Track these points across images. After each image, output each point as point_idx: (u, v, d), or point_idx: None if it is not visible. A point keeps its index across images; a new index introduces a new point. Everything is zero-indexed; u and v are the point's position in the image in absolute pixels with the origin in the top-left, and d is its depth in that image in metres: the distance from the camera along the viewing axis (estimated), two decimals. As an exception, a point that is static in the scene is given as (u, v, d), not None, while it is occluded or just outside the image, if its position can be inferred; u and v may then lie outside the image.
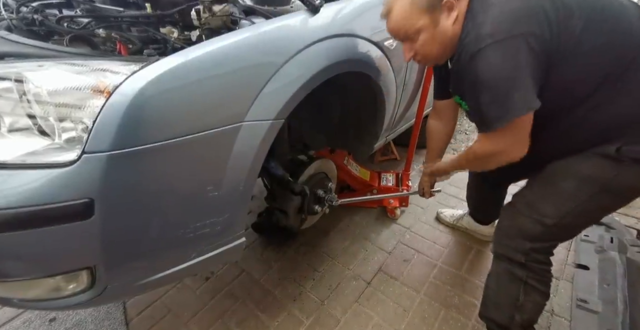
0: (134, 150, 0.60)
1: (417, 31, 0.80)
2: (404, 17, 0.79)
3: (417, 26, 0.79)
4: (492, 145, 0.80)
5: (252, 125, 0.75)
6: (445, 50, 0.83)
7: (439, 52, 0.84)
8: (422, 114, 1.58)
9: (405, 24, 0.80)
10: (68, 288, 0.69)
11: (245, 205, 0.86)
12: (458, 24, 0.77)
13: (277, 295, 1.32)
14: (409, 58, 0.87)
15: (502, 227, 0.98)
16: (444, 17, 0.78)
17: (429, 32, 0.80)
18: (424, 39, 0.81)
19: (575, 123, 0.78)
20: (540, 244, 0.89)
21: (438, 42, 0.81)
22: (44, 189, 0.56)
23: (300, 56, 0.81)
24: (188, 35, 0.92)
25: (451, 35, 0.79)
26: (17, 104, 0.60)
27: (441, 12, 0.77)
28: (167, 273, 0.80)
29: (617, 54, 0.70)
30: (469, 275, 1.40)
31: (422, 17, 0.78)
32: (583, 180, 0.81)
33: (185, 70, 0.65)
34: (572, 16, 0.68)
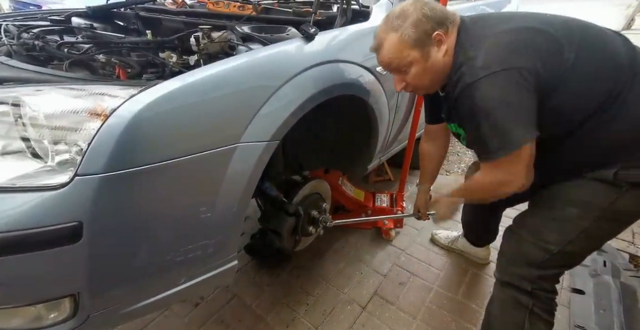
0: (128, 172, 0.60)
1: (408, 65, 0.81)
2: (394, 52, 0.80)
3: (408, 60, 0.80)
4: (496, 175, 0.79)
5: (248, 146, 0.76)
6: (437, 81, 0.85)
7: (430, 83, 0.85)
8: (415, 136, 1.61)
9: (395, 58, 0.81)
10: (49, 317, 0.66)
11: (239, 227, 0.85)
12: (448, 56, 0.79)
13: (269, 321, 1.27)
14: (401, 89, 0.88)
15: (506, 254, 0.96)
16: (434, 51, 0.79)
17: (420, 66, 0.81)
18: (415, 72, 0.82)
19: (570, 149, 0.79)
20: (546, 271, 0.88)
21: (429, 74, 0.82)
22: (33, 213, 0.55)
23: (296, 80, 0.84)
24: (186, 60, 0.95)
25: (442, 66, 0.80)
26: (11, 127, 0.60)
27: (431, 46, 0.78)
28: (154, 300, 0.77)
29: (608, 81, 0.71)
30: (465, 299, 1.37)
31: (413, 52, 0.79)
32: (583, 207, 0.81)
33: (183, 94, 0.66)
34: (562, 50, 0.70)
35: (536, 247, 0.87)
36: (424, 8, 0.77)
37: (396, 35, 0.78)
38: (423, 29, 0.76)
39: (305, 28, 0.93)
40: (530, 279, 0.89)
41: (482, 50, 0.72)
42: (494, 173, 0.79)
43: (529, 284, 0.89)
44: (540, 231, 0.87)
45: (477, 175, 0.86)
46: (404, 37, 0.78)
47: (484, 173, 0.82)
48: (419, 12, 0.76)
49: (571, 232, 0.83)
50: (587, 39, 0.73)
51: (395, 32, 0.78)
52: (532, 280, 0.89)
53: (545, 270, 0.88)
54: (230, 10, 1.35)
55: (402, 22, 0.77)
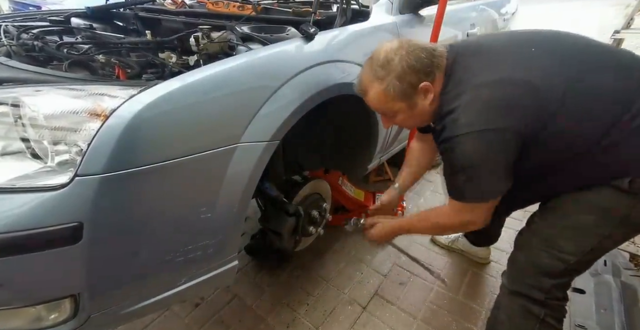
0: (128, 172, 0.60)
1: (395, 113, 0.82)
2: (379, 102, 0.81)
3: (394, 110, 0.81)
4: (463, 215, 0.83)
5: (248, 146, 0.76)
6: (425, 121, 0.87)
7: (419, 124, 0.89)
8: (414, 136, 1.61)
9: (382, 107, 0.82)
10: (49, 318, 0.66)
11: (239, 227, 0.85)
12: (436, 102, 0.79)
13: (269, 322, 1.27)
14: (388, 127, 0.92)
15: (518, 263, 0.93)
16: (420, 99, 0.78)
17: (406, 114, 0.82)
18: (402, 118, 0.84)
19: (582, 166, 0.76)
20: (561, 280, 0.86)
21: (416, 119, 0.84)
22: (33, 213, 0.55)
23: (296, 80, 0.84)
24: (186, 60, 0.95)
25: (430, 111, 0.81)
26: (11, 127, 0.60)
27: (417, 96, 0.78)
28: (154, 300, 0.77)
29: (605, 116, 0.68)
30: (465, 299, 1.37)
31: (398, 103, 0.79)
32: (601, 214, 0.78)
33: (183, 94, 0.66)
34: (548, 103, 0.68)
35: (551, 257, 0.84)
36: (409, 58, 0.74)
37: (380, 87, 0.77)
38: (408, 82, 0.75)
39: (305, 28, 0.93)
40: (545, 289, 0.86)
41: (464, 102, 0.71)
42: (461, 212, 0.83)
43: (542, 294, 0.86)
44: (555, 240, 0.84)
45: (441, 207, 0.87)
46: (388, 90, 0.76)
47: (451, 208, 0.85)
48: (404, 63, 0.74)
49: (589, 241, 0.80)
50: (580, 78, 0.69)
51: (380, 83, 0.77)
52: (546, 291, 0.86)
53: (560, 278, 0.85)
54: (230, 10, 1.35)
55: (386, 75, 0.76)
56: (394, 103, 0.79)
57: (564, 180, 0.80)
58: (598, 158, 0.72)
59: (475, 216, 0.82)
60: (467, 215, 0.82)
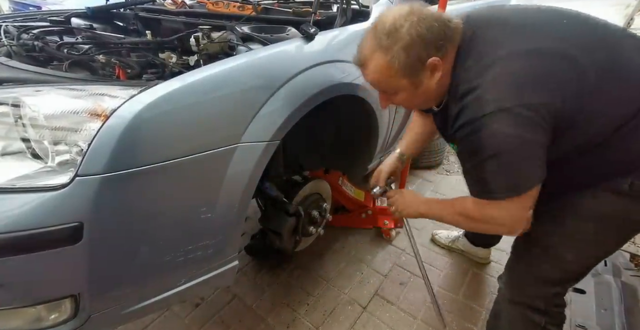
0: (128, 172, 0.60)
1: (396, 90, 0.72)
2: (380, 76, 0.70)
3: (395, 87, 0.71)
4: (495, 216, 0.69)
5: (248, 146, 0.76)
6: (428, 102, 0.77)
7: (422, 105, 0.79)
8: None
9: (382, 82, 0.72)
10: (50, 318, 0.66)
11: (239, 227, 0.85)
12: (444, 80, 0.69)
13: (269, 322, 1.27)
14: (385, 107, 0.80)
15: (518, 273, 0.90)
16: (426, 78, 0.68)
17: (409, 93, 0.71)
18: (402, 98, 0.73)
19: (586, 162, 0.71)
20: (562, 287, 0.84)
21: (419, 98, 0.74)
22: (33, 214, 0.55)
23: (296, 80, 0.84)
24: (186, 60, 0.95)
25: (435, 91, 0.71)
26: (11, 127, 0.60)
27: (424, 73, 0.67)
28: (155, 300, 0.77)
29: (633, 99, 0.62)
30: (466, 299, 1.37)
31: (401, 80, 0.68)
32: (600, 221, 0.74)
33: (183, 94, 0.66)
34: (584, 75, 0.60)
35: (552, 266, 0.81)
36: (420, 26, 0.63)
37: (384, 59, 0.66)
38: (416, 55, 0.64)
39: (305, 28, 0.93)
40: (545, 298, 0.84)
41: (490, 77, 0.60)
42: (493, 212, 0.69)
43: (544, 302, 0.84)
44: (555, 249, 0.80)
45: (469, 205, 0.74)
46: (393, 63, 0.65)
47: (480, 208, 0.71)
48: (413, 31, 0.63)
49: (590, 248, 0.77)
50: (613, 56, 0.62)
51: (384, 54, 0.66)
52: (548, 299, 0.84)
53: (560, 286, 0.84)
54: (230, 10, 1.35)
55: (392, 44, 0.64)
56: (397, 79, 0.68)
57: (569, 177, 0.74)
58: (608, 152, 0.67)
59: (510, 217, 0.68)
60: (500, 216, 0.69)
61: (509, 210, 0.67)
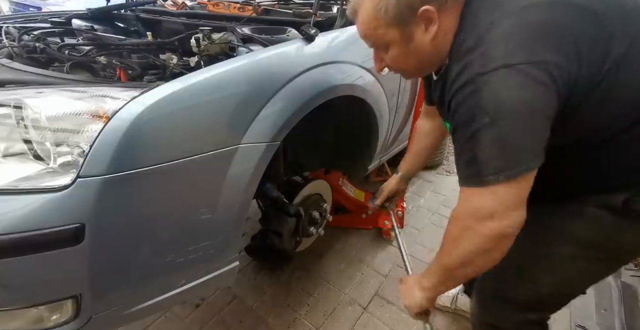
0: (130, 174, 0.60)
1: (386, 44, 0.63)
2: (369, 25, 0.62)
3: (385, 40, 0.62)
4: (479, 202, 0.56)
5: (248, 147, 0.76)
6: (426, 65, 0.67)
7: (417, 68, 0.68)
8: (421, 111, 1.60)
9: (371, 33, 0.63)
10: (51, 319, 0.66)
11: (240, 228, 0.85)
12: (443, 39, 0.60)
13: (270, 322, 1.27)
14: (380, 69, 0.71)
15: (486, 291, 0.81)
16: (419, 32, 0.59)
17: (400, 48, 0.62)
18: (393, 55, 0.64)
19: (580, 164, 0.62)
20: (538, 314, 0.76)
21: (412, 58, 0.64)
22: (35, 215, 0.55)
23: (296, 82, 0.84)
24: (187, 61, 0.95)
25: (431, 51, 0.61)
26: (13, 129, 0.61)
27: (416, 26, 0.59)
28: (156, 301, 0.77)
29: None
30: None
31: (390, 30, 0.60)
32: (583, 246, 0.65)
33: (184, 95, 0.67)
34: (611, 41, 0.50)
35: (526, 290, 0.73)
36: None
37: (372, 5, 0.59)
38: (407, 1, 0.56)
39: (306, 29, 0.93)
40: (518, 324, 0.76)
41: (500, 30, 0.51)
42: (481, 201, 0.55)
43: (513, 327, 0.77)
44: (529, 270, 0.71)
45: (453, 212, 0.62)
46: (379, 9, 0.58)
47: (466, 203, 0.59)
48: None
49: (568, 273, 0.68)
50: None
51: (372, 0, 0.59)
52: (520, 326, 0.76)
53: (534, 313, 0.75)
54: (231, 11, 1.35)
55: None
56: (386, 29, 0.60)
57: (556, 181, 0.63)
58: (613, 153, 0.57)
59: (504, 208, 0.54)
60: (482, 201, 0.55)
61: (501, 198, 0.53)
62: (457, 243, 0.61)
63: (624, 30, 0.50)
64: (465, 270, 0.62)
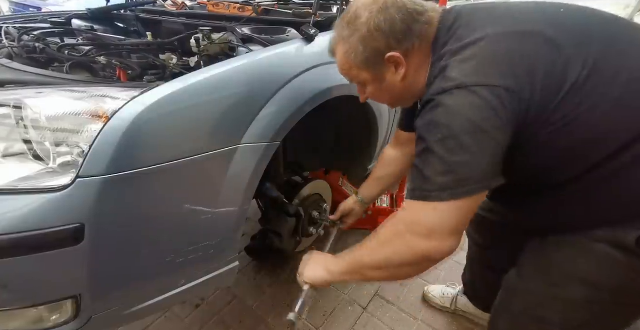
0: (129, 174, 0.60)
1: (362, 83, 0.69)
2: (343, 67, 0.68)
3: (360, 79, 0.67)
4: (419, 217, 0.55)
5: (248, 147, 0.76)
6: (406, 98, 0.71)
7: (397, 101, 0.72)
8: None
9: (346, 73, 0.69)
10: (51, 319, 0.66)
11: (239, 228, 0.85)
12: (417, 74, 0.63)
13: (270, 322, 1.27)
14: (364, 100, 0.75)
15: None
16: (389, 73, 0.63)
17: (374, 86, 0.67)
18: (370, 91, 0.69)
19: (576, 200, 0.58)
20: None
21: (388, 94, 0.69)
22: (35, 215, 0.55)
23: (296, 82, 0.84)
24: (187, 62, 0.95)
25: (403, 88, 0.65)
26: (13, 129, 0.61)
27: (385, 68, 0.63)
28: (155, 301, 0.77)
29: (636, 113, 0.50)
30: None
31: (362, 72, 0.65)
32: (592, 287, 0.60)
33: (184, 95, 0.67)
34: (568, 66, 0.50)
35: (535, 329, 0.70)
36: (379, 17, 0.58)
37: (343, 50, 0.64)
38: (373, 48, 0.60)
39: (306, 29, 0.93)
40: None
41: (460, 57, 0.54)
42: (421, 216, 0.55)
43: None
44: (539, 310, 0.68)
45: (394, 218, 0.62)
46: (350, 54, 0.63)
47: (407, 214, 0.59)
48: (372, 23, 0.58)
49: (579, 316, 0.64)
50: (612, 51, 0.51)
51: (343, 44, 0.64)
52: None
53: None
54: (231, 11, 1.35)
55: (351, 34, 0.61)
56: (358, 71, 0.65)
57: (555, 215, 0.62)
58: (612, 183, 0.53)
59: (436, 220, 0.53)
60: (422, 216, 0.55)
61: (442, 217, 0.53)
62: (383, 246, 0.62)
63: (582, 54, 0.51)
64: (378, 273, 0.64)
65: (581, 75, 0.50)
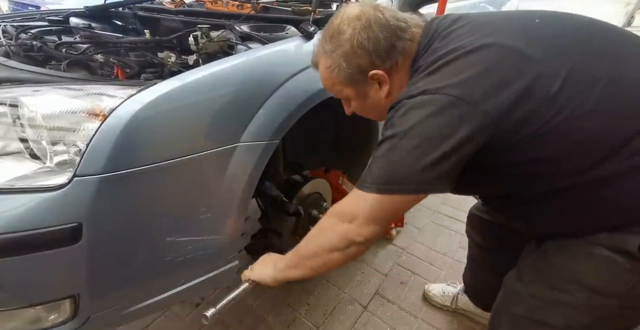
0: (127, 173, 0.60)
1: (346, 98, 0.69)
2: (326, 82, 0.68)
3: (343, 95, 0.67)
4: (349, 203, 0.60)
5: (247, 146, 0.76)
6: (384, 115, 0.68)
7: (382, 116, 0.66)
8: None
9: (330, 88, 0.69)
10: (49, 319, 0.65)
11: (239, 227, 0.85)
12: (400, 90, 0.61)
13: (270, 321, 1.26)
14: (349, 113, 0.75)
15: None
16: (373, 90, 0.64)
17: (357, 102, 0.68)
18: (354, 106, 0.70)
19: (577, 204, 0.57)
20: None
21: (372, 110, 0.69)
22: (32, 214, 0.54)
23: (295, 79, 0.83)
24: (185, 60, 0.95)
25: (387, 105, 0.62)
26: (9, 128, 0.60)
27: (369, 85, 0.63)
28: (155, 300, 0.77)
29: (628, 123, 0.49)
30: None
31: (345, 88, 0.65)
32: (594, 292, 0.60)
33: (182, 93, 0.66)
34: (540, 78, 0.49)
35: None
36: (362, 34, 0.57)
37: (326, 64, 0.64)
38: (356, 65, 0.60)
39: (305, 27, 0.93)
40: None
41: (431, 69, 0.55)
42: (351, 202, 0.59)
43: None
44: (542, 313, 0.68)
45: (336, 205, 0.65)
46: (332, 69, 0.62)
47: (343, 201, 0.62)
48: (355, 40, 0.58)
49: (581, 319, 0.63)
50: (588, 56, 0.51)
51: (326, 59, 0.63)
52: None
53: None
54: (229, 9, 1.34)
55: (334, 50, 0.61)
56: (341, 86, 0.65)
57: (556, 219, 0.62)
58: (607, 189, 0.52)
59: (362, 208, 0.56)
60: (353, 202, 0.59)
61: (367, 207, 0.56)
62: (318, 233, 0.66)
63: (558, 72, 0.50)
64: (314, 261, 0.65)
65: (554, 86, 0.49)
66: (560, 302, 0.64)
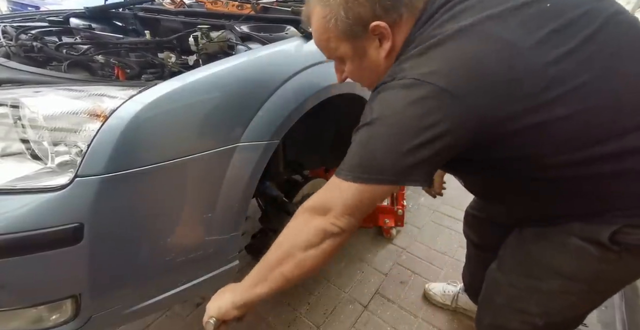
0: (128, 173, 0.60)
1: (341, 58, 0.61)
2: (320, 36, 0.59)
3: (338, 53, 0.60)
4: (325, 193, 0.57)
5: (247, 146, 0.76)
6: None
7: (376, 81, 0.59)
8: None
9: (323, 46, 0.61)
10: (50, 318, 0.66)
11: (239, 227, 0.85)
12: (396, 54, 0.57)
13: (270, 321, 1.27)
14: (341, 80, 0.68)
15: (484, 325, 0.79)
16: (372, 47, 0.57)
17: (353, 63, 0.61)
18: (349, 69, 0.63)
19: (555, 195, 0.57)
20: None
21: (369, 73, 0.62)
22: (33, 214, 0.55)
23: (295, 80, 0.84)
24: (185, 60, 0.95)
25: (386, 69, 0.57)
26: (11, 128, 0.60)
27: (369, 41, 0.56)
28: (156, 300, 0.77)
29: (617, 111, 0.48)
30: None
31: (342, 45, 0.58)
32: (567, 279, 0.63)
33: (182, 94, 0.66)
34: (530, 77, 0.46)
35: (517, 320, 0.71)
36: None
37: (321, 13, 0.55)
38: (356, 14, 0.53)
39: (305, 27, 0.93)
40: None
41: (423, 47, 0.50)
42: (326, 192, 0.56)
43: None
44: (520, 301, 0.70)
45: None
46: (329, 20, 0.54)
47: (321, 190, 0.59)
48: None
49: (555, 304, 0.66)
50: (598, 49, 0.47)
51: (322, 8, 0.55)
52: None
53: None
54: (229, 9, 1.34)
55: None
56: (337, 42, 0.57)
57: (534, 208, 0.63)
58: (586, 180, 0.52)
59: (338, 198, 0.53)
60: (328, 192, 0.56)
61: (343, 196, 0.53)
62: (288, 233, 0.60)
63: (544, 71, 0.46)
64: (286, 266, 0.58)
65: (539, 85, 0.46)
66: (537, 289, 0.66)
